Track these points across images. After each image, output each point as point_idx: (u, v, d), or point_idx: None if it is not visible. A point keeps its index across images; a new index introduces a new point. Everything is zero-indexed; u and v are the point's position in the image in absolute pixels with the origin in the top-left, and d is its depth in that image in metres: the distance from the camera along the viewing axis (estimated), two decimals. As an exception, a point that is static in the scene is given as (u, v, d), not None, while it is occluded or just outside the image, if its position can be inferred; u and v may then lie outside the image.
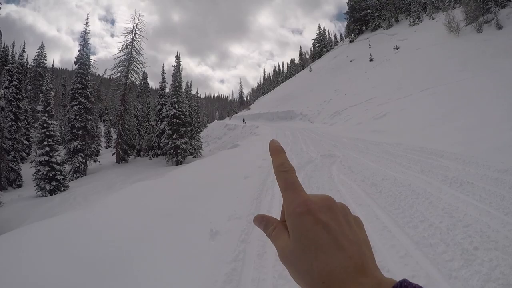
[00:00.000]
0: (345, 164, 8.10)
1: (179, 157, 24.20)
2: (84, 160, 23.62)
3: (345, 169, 7.60)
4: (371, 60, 43.53)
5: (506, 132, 7.52)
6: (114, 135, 34.42)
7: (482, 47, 23.07)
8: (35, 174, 17.65)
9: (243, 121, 44.45)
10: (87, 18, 26.78)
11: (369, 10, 67.80)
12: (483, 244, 3.16)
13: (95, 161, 25.98)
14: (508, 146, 6.70)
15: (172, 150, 24.14)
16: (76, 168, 22.88)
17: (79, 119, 23.92)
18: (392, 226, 3.97)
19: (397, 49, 41.16)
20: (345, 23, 75.94)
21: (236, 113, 68.12)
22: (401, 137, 11.05)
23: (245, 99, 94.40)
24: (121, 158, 27.19)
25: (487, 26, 28.85)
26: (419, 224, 3.86)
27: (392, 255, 3.28)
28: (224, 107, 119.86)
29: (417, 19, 50.53)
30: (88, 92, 25.01)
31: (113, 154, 27.90)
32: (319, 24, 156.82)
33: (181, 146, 24.12)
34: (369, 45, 51.59)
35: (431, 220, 3.90)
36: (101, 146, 28.11)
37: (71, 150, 23.23)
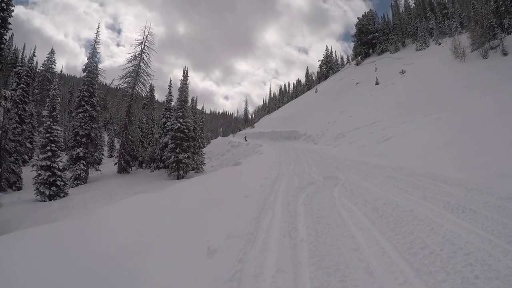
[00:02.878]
0: (347, 187, 8.07)
1: (181, 172, 24.23)
2: (85, 168, 23.76)
3: (347, 192, 7.56)
4: (377, 83, 43.79)
5: (510, 159, 7.51)
6: (117, 145, 34.67)
7: (488, 73, 23.24)
8: (36, 178, 17.69)
9: (245, 139, 45.71)
10: (98, 27, 27.18)
11: (376, 34, 68.84)
12: (484, 273, 3.12)
13: (96, 169, 26.05)
14: (511, 174, 6.68)
15: (174, 164, 24.17)
16: (77, 175, 22.98)
17: (84, 126, 24.17)
18: (392, 251, 3.92)
19: (403, 73, 41.46)
20: (352, 43, 77.02)
21: (240, 130, 68.58)
22: (405, 161, 11.04)
23: (250, 117, 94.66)
24: (123, 169, 27.30)
25: (492, 52, 29.15)
26: (420, 250, 3.82)
27: (391, 282, 3.24)
28: (228, 124, 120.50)
29: (423, 44, 51.09)
30: (94, 101, 25.33)
31: (115, 164, 28.08)
32: (326, 45, 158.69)
33: (183, 161, 24.17)
34: (375, 68, 51.98)
35: (431, 247, 3.85)
36: (103, 155, 28.30)
37: (74, 157, 23.41)
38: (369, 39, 69.64)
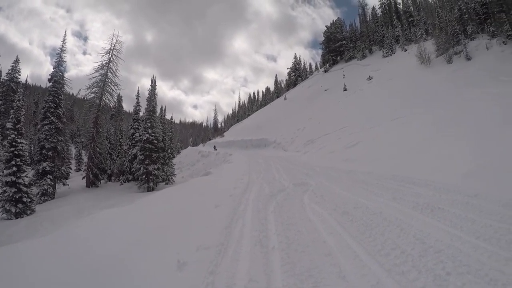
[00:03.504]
0: (317, 193, 8.09)
1: (151, 184, 23.67)
2: (52, 183, 22.68)
3: (317, 197, 7.57)
4: (345, 89, 44.73)
5: (474, 159, 7.76)
6: (85, 158, 33.69)
7: (452, 78, 24.28)
8: (1, 195, 16.75)
9: (214, 148, 46.25)
10: (65, 34, 26.27)
11: (344, 41, 70.40)
12: (456, 269, 3.17)
13: (64, 184, 24.94)
14: (476, 172, 6.95)
15: (144, 176, 23.61)
16: (44, 191, 21.86)
17: (50, 139, 23.10)
18: (363, 254, 3.93)
19: (370, 79, 42.60)
20: (320, 50, 78.47)
21: (210, 140, 68.33)
22: (373, 165, 11.23)
23: (219, 126, 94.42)
24: (92, 183, 26.36)
25: (456, 57, 30.62)
26: (391, 251, 3.85)
27: (364, 284, 3.22)
28: (198, 133, 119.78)
29: (390, 51, 52.77)
30: (60, 112, 24.34)
31: (83, 177, 27.03)
32: (295, 53, 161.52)
33: (153, 172, 23.63)
34: (343, 75, 53.05)
35: (402, 247, 3.90)
36: (71, 169, 27.37)
37: (40, 171, 22.30)
38: (337, 46, 71.14)
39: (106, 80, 28.19)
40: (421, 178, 7.60)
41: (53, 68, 25.46)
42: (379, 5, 66.32)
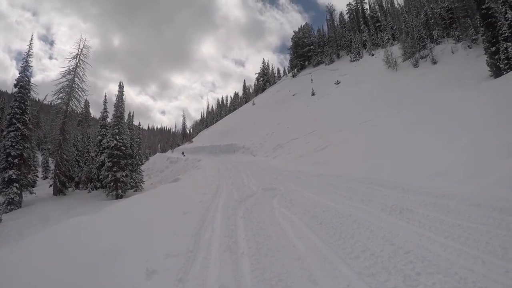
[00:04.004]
0: (286, 197, 8.08)
1: (119, 191, 23.44)
2: (19, 191, 22.01)
3: (286, 202, 7.56)
4: (313, 94, 45.49)
5: (441, 160, 7.97)
6: (52, 166, 32.78)
7: (419, 81, 25.16)
8: None
9: (183, 154, 46.31)
10: (31, 38, 25.74)
11: (312, 46, 71.82)
12: (425, 269, 3.20)
13: (31, 192, 24.26)
14: (444, 173, 7.13)
15: (112, 183, 23.31)
16: (10, 200, 21.20)
17: (16, 146, 22.41)
18: (333, 257, 3.92)
19: (338, 83, 43.51)
20: (288, 55, 79.61)
21: (179, 146, 68.03)
22: (342, 169, 11.37)
23: (188, 131, 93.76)
24: (59, 191, 25.80)
25: (423, 61, 31.88)
26: (361, 254, 3.85)
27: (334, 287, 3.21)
28: (167, 139, 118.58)
29: (357, 55, 54.17)
30: (26, 118, 23.70)
31: (51, 185, 26.41)
32: (263, 58, 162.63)
33: (121, 179, 23.38)
34: (311, 79, 53.95)
35: (372, 249, 3.91)
36: (38, 177, 26.63)
37: (6, 179, 21.59)
38: (305, 51, 72.43)
39: (73, 85, 27.94)
40: (390, 180, 7.73)
41: (19, 73, 25.03)
42: (347, 11, 68.50)
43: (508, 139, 7.07)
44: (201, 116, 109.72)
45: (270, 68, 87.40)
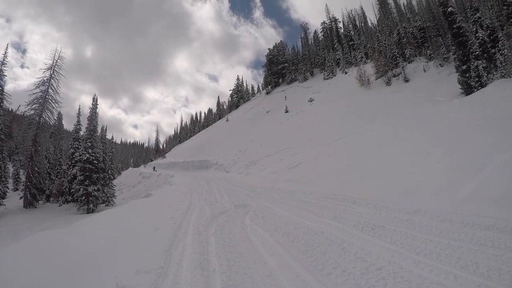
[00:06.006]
0: (258, 214, 8.06)
1: (91, 205, 22.83)
2: None
3: (258, 219, 7.53)
4: (287, 111, 45.98)
5: (414, 175, 8.13)
6: (23, 177, 31.70)
7: (391, 99, 25.76)
8: None
9: (154, 169, 46.83)
10: (7, 46, 25.34)
11: (286, 64, 72.85)
12: (397, 285, 3.21)
13: (0, 204, 23.24)
14: (415, 189, 7.26)
15: (83, 197, 22.73)
16: None
17: None
18: (305, 274, 3.90)
19: (311, 101, 44.19)
20: (261, 70, 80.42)
21: (152, 160, 67.92)
22: (315, 185, 11.48)
23: (161, 146, 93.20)
24: (30, 203, 24.83)
25: (395, 79, 32.89)
26: (332, 270, 3.84)
27: (306, 306, 3.16)
28: (139, 154, 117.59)
29: (331, 73, 55.27)
30: None
31: (21, 198, 25.39)
32: (238, 75, 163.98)
33: (93, 193, 22.86)
34: (285, 97, 54.58)
35: (344, 266, 3.91)
36: (8, 188, 25.51)
37: None
38: (279, 69, 73.42)
39: (47, 97, 27.22)
40: (362, 197, 7.83)
41: (-9, 82, 24.33)
42: (321, 29, 69.79)
43: (479, 153, 7.30)
44: (174, 131, 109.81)
45: (244, 84, 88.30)
